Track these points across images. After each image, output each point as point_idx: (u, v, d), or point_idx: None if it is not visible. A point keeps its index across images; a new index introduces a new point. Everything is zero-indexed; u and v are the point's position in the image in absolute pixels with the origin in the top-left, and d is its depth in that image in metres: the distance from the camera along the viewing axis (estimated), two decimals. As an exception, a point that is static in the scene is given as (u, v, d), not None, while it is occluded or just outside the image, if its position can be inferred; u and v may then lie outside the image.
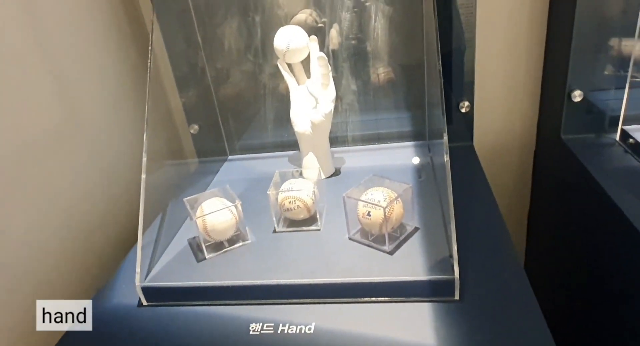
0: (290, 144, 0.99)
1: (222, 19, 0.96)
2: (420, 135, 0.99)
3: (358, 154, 0.98)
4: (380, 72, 0.97)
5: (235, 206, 0.72)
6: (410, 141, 0.99)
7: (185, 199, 0.74)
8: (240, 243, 0.73)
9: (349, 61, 0.96)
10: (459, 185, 0.79)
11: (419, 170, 0.89)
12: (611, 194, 0.72)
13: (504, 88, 1.05)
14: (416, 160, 0.93)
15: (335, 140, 0.99)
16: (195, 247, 0.74)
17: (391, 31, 0.94)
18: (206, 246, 0.71)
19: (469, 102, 0.96)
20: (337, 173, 0.91)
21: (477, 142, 1.01)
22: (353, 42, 0.95)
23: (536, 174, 1.11)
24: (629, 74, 0.85)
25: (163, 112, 1.01)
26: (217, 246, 0.72)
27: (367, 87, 0.98)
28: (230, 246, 0.73)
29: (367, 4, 0.92)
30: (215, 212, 0.69)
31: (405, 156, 0.94)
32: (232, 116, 1.05)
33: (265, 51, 0.96)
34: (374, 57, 0.96)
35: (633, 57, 0.85)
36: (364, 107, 0.99)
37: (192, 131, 1.04)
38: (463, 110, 0.96)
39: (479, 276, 0.62)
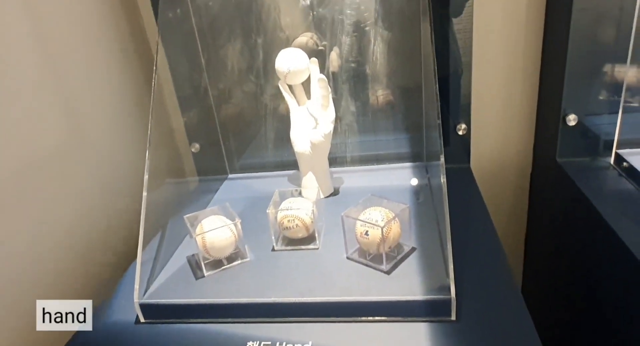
0: (289, 163, 1.00)
1: (225, 41, 0.99)
2: (418, 156, 1.00)
3: (357, 174, 0.99)
4: (379, 94, 0.99)
5: (235, 224, 0.72)
6: (408, 162, 1.01)
7: (185, 216, 0.75)
8: (239, 261, 0.74)
9: (349, 83, 0.98)
10: (456, 206, 0.80)
11: (417, 192, 0.90)
12: (606, 217, 0.73)
13: (501, 111, 1.06)
14: (414, 181, 0.94)
15: (335, 160, 1.00)
16: (194, 264, 0.75)
17: (390, 55, 0.97)
18: (205, 264, 0.72)
19: (466, 124, 0.98)
20: (335, 192, 0.92)
21: (474, 164, 1.03)
22: (353, 65, 0.97)
23: (532, 196, 1.12)
24: (622, 99, 0.87)
25: (165, 131, 1.02)
26: (216, 264, 0.73)
27: (366, 109, 1.00)
28: (229, 263, 0.73)
29: (367, 28, 0.94)
30: (214, 230, 0.70)
31: (403, 176, 0.95)
32: (232, 136, 1.06)
33: (266, 72, 0.99)
34: (373, 79, 0.98)
35: (626, 82, 0.87)
36: (363, 129, 1.01)
37: (193, 150, 1.05)
38: (460, 132, 0.98)
39: (475, 296, 0.62)
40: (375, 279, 0.66)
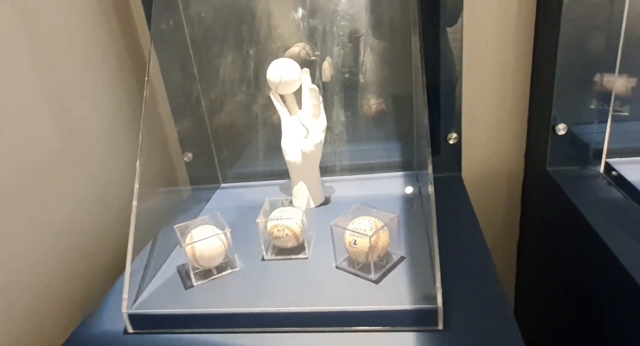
0: (281, 173, 1.01)
1: (218, 51, 1.00)
2: (409, 165, 1.01)
3: (348, 183, 1.00)
4: (370, 103, 1.00)
5: (225, 234, 0.72)
6: (400, 171, 1.01)
7: (175, 226, 0.75)
8: (229, 271, 0.74)
9: (340, 93, 0.99)
10: (445, 215, 0.81)
11: (411, 200, 0.90)
12: (595, 225, 0.73)
13: (492, 120, 1.07)
14: (409, 189, 0.94)
15: (326, 169, 1.01)
16: (184, 274, 0.75)
17: (381, 64, 0.98)
18: (195, 273, 0.72)
19: (457, 133, 0.98)
20: (326, 201, 0.92)
21: (466, 173, 1.03)
22: (344, 74, 0.98)
23: (524, 205, 1.13)
24: (611, 109, 0.88)
25: (158, 140, 1.03)
26: (206, 274, 0.73)
27: (357, 118, 1.00)
28: (218, 273, 0.73)
29: (359, 38, 0.95)
30: (204, 239, 0.70)
31: (394, 185, 0.96)
32: (225, 145, 1.07)
33: (258, 82, 0.99)
34: (365, 89, 0.99)
35: (614, 92, 0.88)
36: (354, 138, 1.01)
37: (185, 159, 1.05)
38: (451, 141, 0.98)
39: (463, 306, 0.62)
40: (364, 288, 0.66)
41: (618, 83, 0.90)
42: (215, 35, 0.99)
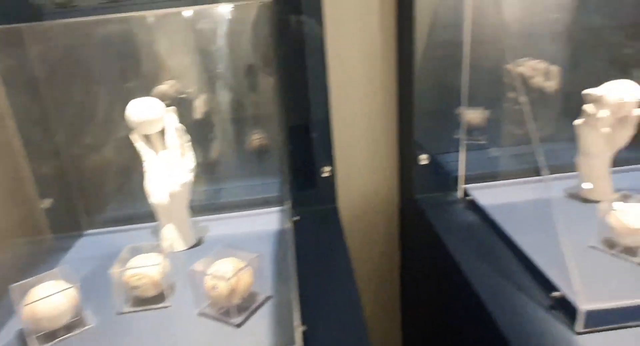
0: (151, 215, 0.95)
1: (77, 89, 0.94)
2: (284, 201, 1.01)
3: (224, 221, 0.96)
4: (248, 139, 0.99)
5: (72, 289, 0.66)
6: (276, 206, 1.00)
7: (12, 286, 0.66)
8: (79, 330, 0.66)
9: (212, 130, 0.97)
10: (317, 248, 0.81)
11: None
12: (450, 248, 0.78)
13: (366, 153, 1.10)
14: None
15: (202, 208, 0.97)
16: (24, 339, 0.66)
17: (256, 100, 0.98)
18: (37, 337, 0.64)
19: (330, 166, 1.00)
20: (199, 242, 0.88)
21: (345, 206, 1.05)
22: (217, 112, 0.97)
23: (402, 233, 1.17)
24: (462, 138, 0.95)
25: (7, 188, 0.93)
26: (51, 336, 0.65)
27: (231, 155, 0.99)
28: (67, 333, 0.66)
29: (231, 73, 0.95)
30: (45, 298, 0.63)
31: (269, 222, 0.94)
32: (88, 189, 0.99)
33: (122, 122, 0.94)
34: (238, 126, 0.99)
35: (467, 123, 0.96)
36: (228, 175, 1.00)
37: (45, 205, 0.96)
38: (324, 175, 1.00)
39: (325, 344, 0.61)
40: (226, 334, 0.63)
41: (472, 115, 0.99)
42: (74, 72, 0.93)
